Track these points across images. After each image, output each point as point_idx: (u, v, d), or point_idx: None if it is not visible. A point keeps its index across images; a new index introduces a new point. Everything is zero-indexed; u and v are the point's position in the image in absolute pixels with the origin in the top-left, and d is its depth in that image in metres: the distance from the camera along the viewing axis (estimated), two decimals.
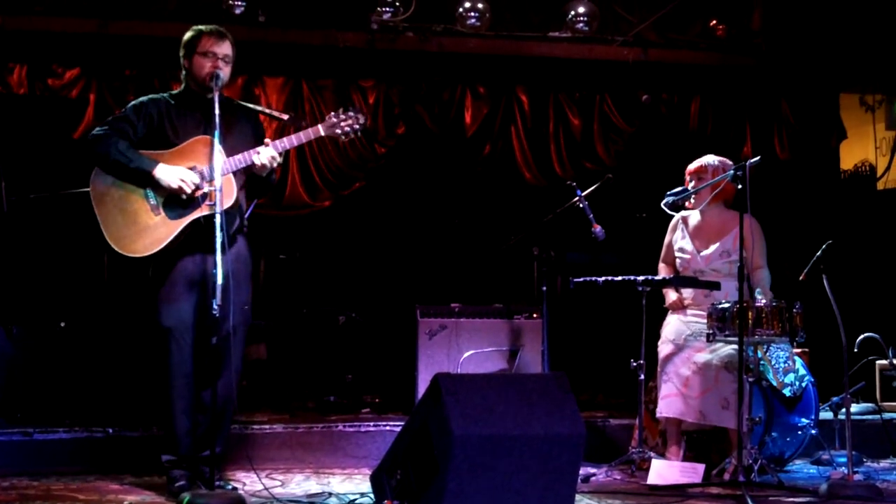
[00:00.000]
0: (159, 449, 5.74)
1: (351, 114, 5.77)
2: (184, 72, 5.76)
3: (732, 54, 9.04)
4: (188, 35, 5.73)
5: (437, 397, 4.77)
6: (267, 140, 5.63)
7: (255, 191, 5.92)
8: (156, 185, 5.54)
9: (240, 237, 5.75)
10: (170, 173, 5.51)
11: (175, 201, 5.55)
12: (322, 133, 5.72)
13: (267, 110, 6.21)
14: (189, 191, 5.50)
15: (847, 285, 6.93)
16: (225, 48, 5.69)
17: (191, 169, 5.55)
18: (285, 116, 6.27)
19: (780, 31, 8.99)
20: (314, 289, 8.90)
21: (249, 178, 5.76)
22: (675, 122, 9.25)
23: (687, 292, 6.80)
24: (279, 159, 5.65)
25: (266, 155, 5.57)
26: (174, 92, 5.89)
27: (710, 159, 6.81)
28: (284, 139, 5.68)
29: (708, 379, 6.39)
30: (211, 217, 5.44)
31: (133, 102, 5.81)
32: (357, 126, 5.77)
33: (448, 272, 9.17)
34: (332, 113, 5.79)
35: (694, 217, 6.88)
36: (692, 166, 6.82)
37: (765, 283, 6.62)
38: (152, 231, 5.55)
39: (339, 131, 5.74)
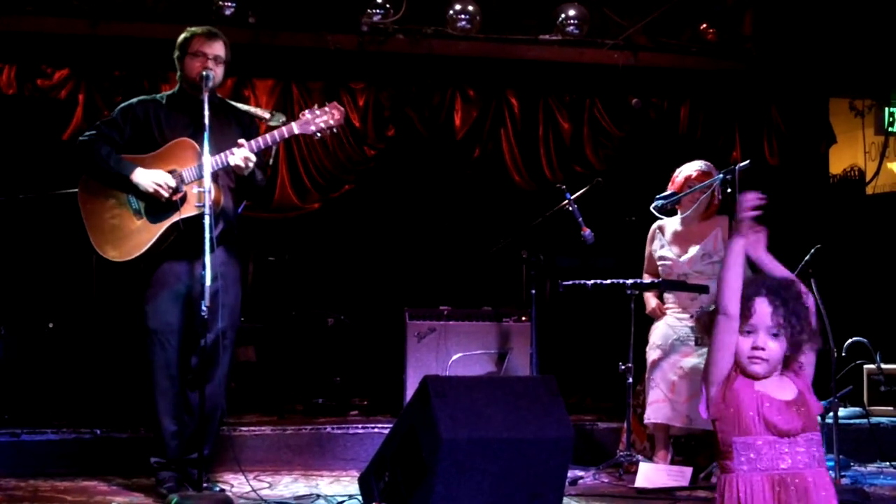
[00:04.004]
0: (147, 450, 5.75)
1: (326, 109, 5.70)
2: (178, 73, 5.77)
3: (722, 59, 9.04)
4: (181, 37, 5.74)
5: (425, 400, 4.77)
6: (241, 140, 5.59)
7: (243, 193, 5.90)
8: (136, 190, 5.54)
9: (228, 239, 5.73)
10: (146, 177, 5.51)
11: (156, 206, 5.55)
12: (296, 131, 5.66)
13: (252, 109, 6.19)
14: (165, 195, 5.49)
15: (835, 290, 6.94)
16: (216, 48, 5.68)
17: (170, 172, 5.54)
18: (267, 115, 6.25)
19: (771, 36, 9.00)
20: (303, 291, 8.88)
21: (237, 180, 5.74)
22: (664, 126, 9.25)
23: (670, 297, 6.81)
24: (253, 159, 5.60)
25: (240, 155, 5.53)
26: (168, 93, 5.90)
27: (694, 169, 6.79)
28: (259, 139, 5.63)
29: (695, 383, 6.39)
30: (190, 220, 5.46)
31: (122, 105, 5.82)
32: (332, 122, 5.69)
33: (437, 275, 9.17)
34: (307, 110, 5.74)
35: (671, 225, 6.88)
36: (680, 177, 6.81)
37: None
38: (134, 236, 5.55)
39: (313, 128, 5.67)
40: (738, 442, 3.50)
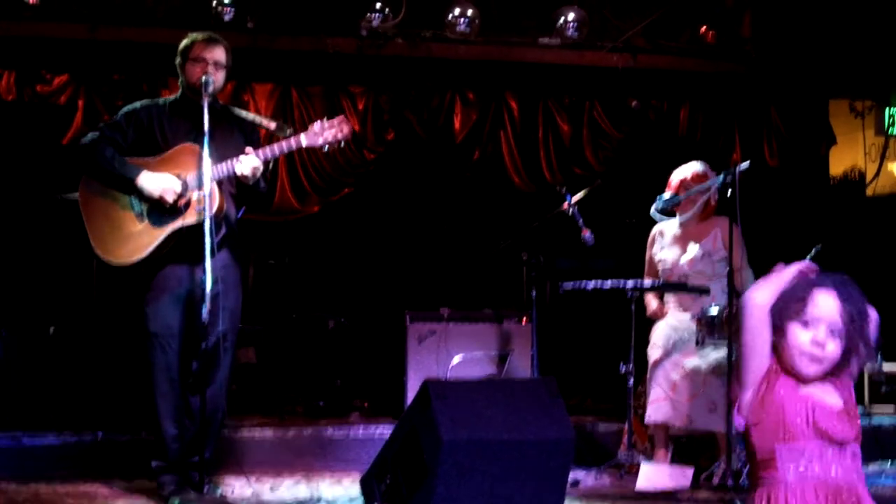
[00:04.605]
0: (148, 453, 5.75)
1: (335, 122, 5.72)
2: (180, 79, 5.77)
3: (722, 61, 9.04)
4: (183, 43, 5.75)
5: (426, 402, 4.77)
6: (248, 149, 5.60)
7: (244, 200, 5.91)
8: (140, 193, 5.54)
9: (229, 243, 5.73)
10: (152, 181, 5.51)
11: (159, 209, 5.55)
12: (304, 143, 5.67)
13: (258, 119, 6.18)
14: (171, 199, 5.49)
15: None
16: (217, 54, 5.69)
17: (175, 177, 5.54)
18: (273, 125, 6.24)
19: (770, 38, 9.01)
20: (303, 294, 8.88)
21: (238, 186, 5.75)
22: (664, 128, 9.25)
23: (671, 298, 6.82)
24: (261, 168, 5.60)
25: (248, 164, 5.53)
26: (170, 98, 5.90)
27: (691, 171, 6.81)
28: (266, 148, 5.64)
29: (696, 384, 6.40)
30: (194, 226, 5.45)
31: (125, 109, 5.82)
32: (340, 136, 5.70)
33: (437, 277, 9.16)
34: (317, 122, 5.75)
35: (671, 227, 6.89)
36: (676, 179, 6.83)
37: (749, 282, 6.64)
38: (136, 238, 5.55)
39: (321, 140, 5.68)
40: (783, 449, 3.17)
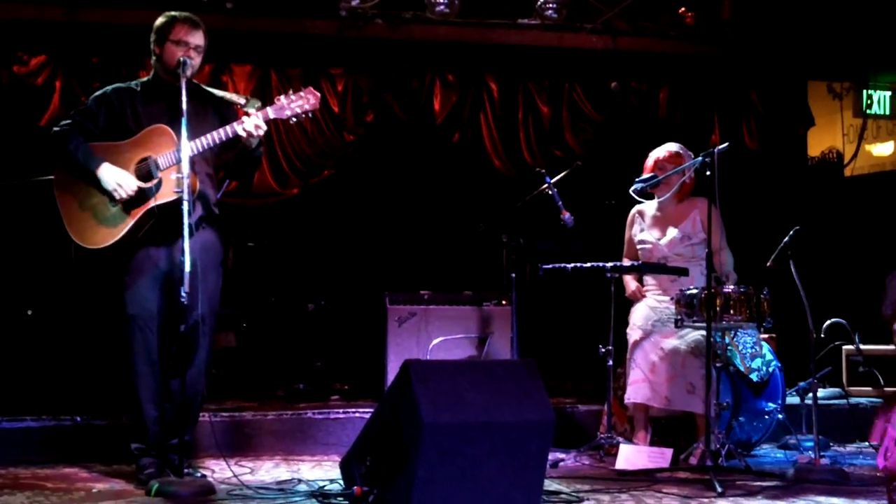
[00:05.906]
0: (128, 437, 5.72)
1: (301, 94, 5.66)
2: (153, 58, 5.70)
3: (702, 43, 9.05)
4: (161, 21, 5.66)
5: (406, 384, 4.77)
6: (244, 117, 5.54)
7: (241, 169, 5.88)
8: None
9: (206, 225, 5.70)
10: (110, 175, 5.48)
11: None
12: (271, 116, 5.59)
13: (227, 94, 6.12)
14: (124, 196, 5.46)
15: (814, 271, 6.97)
16: (198, 38, 5.64)
17: (143, 160, 5.51)
18: (242, 101, 6.20)
19: (749, 20, 9.02)
20: (283, 277, 8.87)
21: (238, 154, 5.70)
22: (644, 110, 9.26)
23: (650, 280, 6.85)
24: (264, 127, 5.55)
25: (251, 123, 5.48)
26: (143, 80, 5.84)
27: (666, 151, 6.84)
28: (235, 124, 5.58)
29: (675, 365, 6.43)
30: (166, 206, 5.43)
31: (96, 93, 5.77)
32: (308, 107, 5.63)
33: (417, 260, 9.16)
34: (283, 95, 5.70)
35: (650, 208, 6.92)
36: (651, 159, 6.86)
37: (728, 264, 6.69)
38: (109, 222, 5.53)
39: (288, 112, 5.62)
40: None
